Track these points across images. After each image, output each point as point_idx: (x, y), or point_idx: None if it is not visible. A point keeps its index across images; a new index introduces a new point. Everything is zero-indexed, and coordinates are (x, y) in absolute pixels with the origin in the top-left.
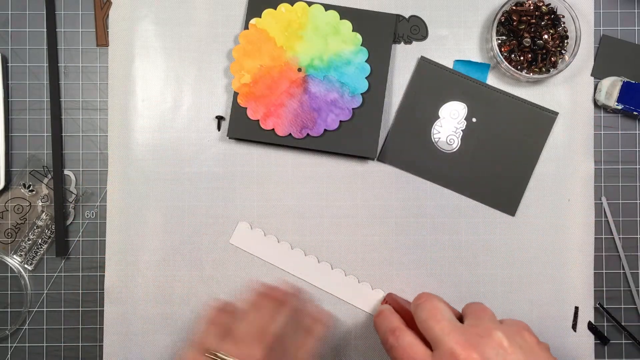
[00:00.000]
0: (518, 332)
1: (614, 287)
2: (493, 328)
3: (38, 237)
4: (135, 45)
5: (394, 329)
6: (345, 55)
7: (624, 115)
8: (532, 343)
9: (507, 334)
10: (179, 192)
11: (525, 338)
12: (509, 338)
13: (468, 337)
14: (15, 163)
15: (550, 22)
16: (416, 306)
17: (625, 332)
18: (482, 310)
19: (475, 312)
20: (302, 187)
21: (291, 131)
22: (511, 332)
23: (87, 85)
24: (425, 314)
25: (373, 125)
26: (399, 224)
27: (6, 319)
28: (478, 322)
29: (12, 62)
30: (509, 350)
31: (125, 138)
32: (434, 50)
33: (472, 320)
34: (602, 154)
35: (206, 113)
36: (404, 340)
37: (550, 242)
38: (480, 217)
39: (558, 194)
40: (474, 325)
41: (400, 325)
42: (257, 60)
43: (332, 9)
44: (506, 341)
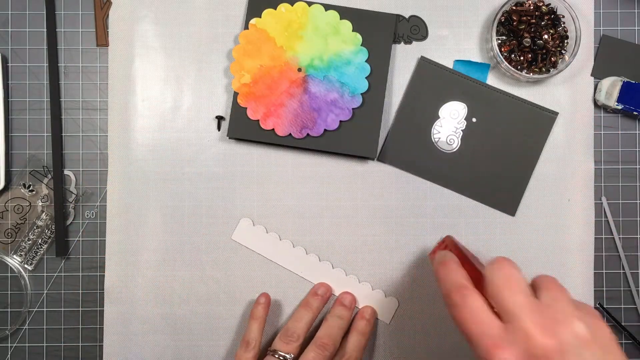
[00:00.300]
0: (597, 324)
1: (614, 287)
2: (573, 315)
3: (38, 237)
4: (135, 45)
5: (461, 286)
6: (345, 55)
7: (624, 115)
8: (611, 338)
9: (587, 323)
10: (179, 192)
11: (606, 332)
12: (589, 329)
13: (546, 319)
14: (15, 163)
15: (550, 22)
16: (491, 270)
17: (625, 332)
18: (558, 289)
19: (551, 288)
20: (302, 187)
21: (291, 131)
22: (591, 323)
23: (87, 85)
24: (501, 281)
25: (373, 125)
26: (399, 224)
27: (6, 319)
28: (555, 304)
29: (12, 62)
30: (589, 343)
31: (125, 138)
32: (434, 50)
33: (548, 299)
34: (602, 154)
35: (206, 113)
36: (473, 303)
37: (550, 242)
38: (480, 217)
39: (558, 194)
40: (551, 306)
41: (468, 284)
42: (257, 60)
43: (332, 9)
44: (587, 332)
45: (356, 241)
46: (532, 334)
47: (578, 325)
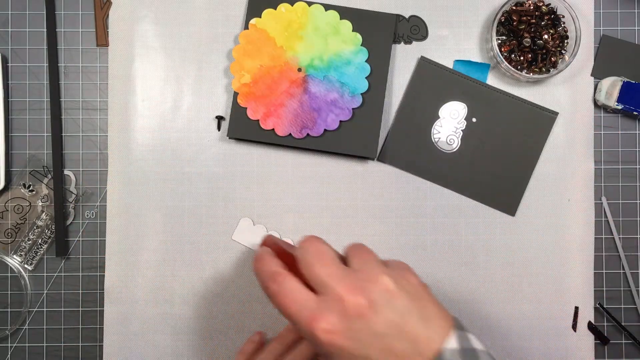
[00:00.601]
0: (403, 276)
1: (614, 287)
2: (379, 272)
3: (38, 237)
4: (135, 45)
5: (275, 274)
6: (345, 55)
7: (624, 115)
8: (417, 285)
9: (393, 277)
10: (179, 192)
11: (411, 281)
12: (395, 282)
13: (355, 280)
14: (15, 163)
15: (550, 22)
16: (301, 249)
17: (625, 332)
18: (366, 253)
19: (359, 254)
20: (302, 187)
21: (291, 131)
22: (397, 275)
23: (87, 85)
24: (311, 257)
25: (373, 125)
26: (399, 224)
27: (6, 319)
28: (364, 266)
29: (12, 62)
30: (396, 294)
31: (125, 138)
32: (434, 50)
33: (357, 264)
34: (602, 154)
35: (206, 113)
36: (287, 284)
37: (550, 242)
38: (480, 217)
39: (558, 194)
40: (360, 270)
41: (281, 269)
42: (257, 60)
43: (332, 9)
44: (393, 285)
45: (356, 241)
46: (344, 297)
47: (384, 280)
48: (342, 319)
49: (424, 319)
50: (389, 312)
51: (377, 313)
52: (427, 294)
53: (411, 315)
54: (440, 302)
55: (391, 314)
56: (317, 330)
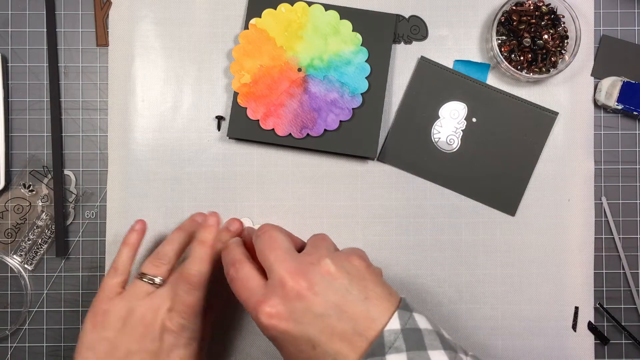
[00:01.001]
0: (347, 258)
1: (614, 287)
2: (324, 255)
3: (38, 237)
4: (135, 45)
5: (235, 261)
6: (345, 55)
7: (624, 115)
8: (361, 268)
9: (335, 260)
10: (179, 192)
11: (355, 263)
12: (336, 264)
13: (299, 264)
14: (15, 163)
15: (550, 22)
16: (256, 237)
17: (625, 332)
18: (320, 239)
19: (314, 241)
20: (302, 187)
21: (291, 131)
22: (340, 258)
23: (87, 85)
24: (263, 244)
25: (373, 125)
26: (399, 224)
27: (6, 319)
28: (313, 250)
29: (12, 62)
30: (336, 275)
31: (125, 138)
32: (434, 50)
33: (308, 249)
34: (602, 154)
35: (206, 113)
36: (242, 271)
37: (550, 242)
38: (480, 217)
39: (558, 194)
40: (307, 254)
41: (242, 257)
42: (257, 60)
43: (332, 9)
44: (333, 267)
45: (356, 241)
46: (285, 280)
47: (326, 262)
48: (283, 301)
49: (366, 299)
50: (329, 293)
51: (316, 294)
52: (373, 276)
53: (351, 295)
54: (391, 284)
55: (331, 295)
56: (261, 314)
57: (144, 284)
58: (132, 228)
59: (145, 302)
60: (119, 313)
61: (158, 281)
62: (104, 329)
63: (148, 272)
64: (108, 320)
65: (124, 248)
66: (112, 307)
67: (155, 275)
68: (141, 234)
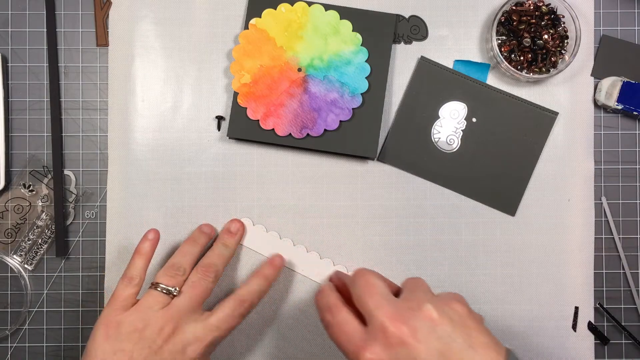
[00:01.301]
0: (448, 304)
1: (614, 287)
2: (424, 300)
3: (38, 237)
4: (135, 45)
5: (331, 306)
6: (345, 55)
7: (624, 115)
8: (463, 314)
9: (436, 305)
10: (179, 192)
11: (456, 309)
12: (438, 310)
13: (399, 310)
14: (15, 163)
15: (550, 22)
16: (352, 283)
17: (625, 332)
18: (417, 284)
19: (410, 285)
20: (302, 187)
21: (291, 131)
22: (441, 303)
23: (87, 85)
24: (360, 289)
25: (373, 125)
26: (399, 224)
27: (6, 319)
28: (411, 295)
29: (12, 62)
30: (438, 322)
31: (125, 138)
32: (434, 50)
33: (406, 294)
34: (602, 154)
35: (206, 113)
36: (339, 316)
37: (550, 242)
38: (480, 217)
39: (558, 194)
40: (406, 299)
41: (338, 302)
42: (257, 60)
43: (332, 9)
44: (435, 313)
45: (356, 241)
46: (387, 326)
47: (427, 308)
48: (385, 348)
49: (471, 347)
50: (432, 340)
51: (419, 341)
52: (475, 323)
53: (455, 343)
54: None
55: (435, 342)
56: (361, 359)
57: (159, 294)
58: (146, 237)
59: (163, 315)
60: (135, 325)
61: (174, 291)
62: (119, 341)
63: (163, 283)
64: (122, 331)
65: (137, 257)
66: (126, 319)
67: (172, 285)
68: (154, 243)
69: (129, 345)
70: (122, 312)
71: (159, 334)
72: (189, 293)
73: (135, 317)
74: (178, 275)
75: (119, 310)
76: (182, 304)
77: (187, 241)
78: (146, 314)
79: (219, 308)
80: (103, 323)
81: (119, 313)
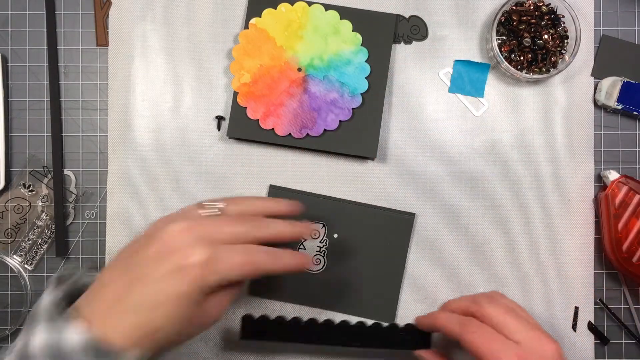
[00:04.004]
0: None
1: (614, 287)
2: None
3: (38, 237)
4: (135, 45)
5: (464, 320)
6: (345, 55)
7: (624, 115)
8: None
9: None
10: (179, 192)
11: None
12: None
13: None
14: (15, 163)
15: (550, 22)
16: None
17: (624, 329)
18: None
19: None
20: (302, 187)
21: (291, 131)
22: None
23: (87, 85)
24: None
25: (373, 125)
26: None
27: (6, 319)
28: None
29: (12, 62)
30: None
31: (125, 138)
32: (434, 50)
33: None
34: (602, 154)
35: (206, 113)
36: (482, 327)
37: (550, 242)
38: (480, 217)
39: (558, 194)
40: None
41: (465, 317)
42: (257, 59)
43: (332, 9)
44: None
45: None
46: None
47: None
48: None
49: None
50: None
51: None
52: None
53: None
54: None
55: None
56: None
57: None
58: (287, 204)
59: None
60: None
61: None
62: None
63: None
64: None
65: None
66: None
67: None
68: (283, 210)
69: None
70: None
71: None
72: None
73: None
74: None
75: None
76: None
77: (264, 200)
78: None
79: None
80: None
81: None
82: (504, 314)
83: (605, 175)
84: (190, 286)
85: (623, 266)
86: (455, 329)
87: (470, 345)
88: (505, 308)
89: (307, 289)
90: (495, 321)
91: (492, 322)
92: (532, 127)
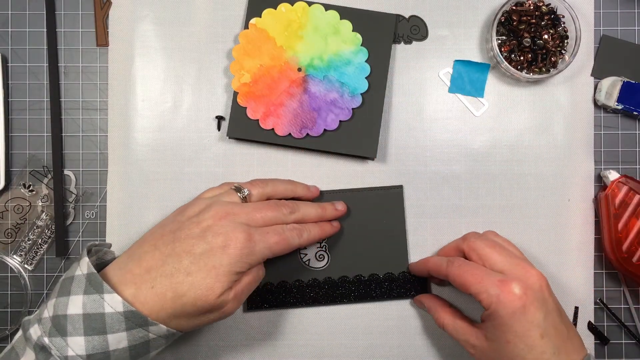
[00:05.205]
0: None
1: (614, 287)
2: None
3: (38, 237)
4: (135, 45)
5: (447, 260)
6: (345, 55)
7: (624, 115)
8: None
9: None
10: (179, 192)
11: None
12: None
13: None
14: (15, 163)
15: (550, 22)
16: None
17: (624, 329)
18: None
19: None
20: None
21: (291, 131)
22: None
23: (87, 85)
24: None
25: (373, 125)
26: None
27: (6, 319)
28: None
29: (12, 62)
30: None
31: (125, 138)
32: (434, 50)
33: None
34: (602, 154)
35: (206, 113)
36: (465, 263)
37: (550, 242)
38: (480, 217)
39: (558, 194)
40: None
41: (451, 259)
42: (257, 59)
43: (332, 9)
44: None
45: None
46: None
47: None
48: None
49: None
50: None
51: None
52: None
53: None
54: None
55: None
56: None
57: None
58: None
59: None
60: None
61: (245, 192)
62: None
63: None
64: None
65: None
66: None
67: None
68: (307, 195)
69: None
70: None
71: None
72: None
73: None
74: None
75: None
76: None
77: (292, 183)
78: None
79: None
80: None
81: None
82: (489, 247)
83: (605, 175)
84: (230, 263)
85: (623, 266)
86: (442, 267)
87: (455, 277)
88: (491, 242)
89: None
90: (481, 253)
91: (478, 254)
92: (532, 127)
